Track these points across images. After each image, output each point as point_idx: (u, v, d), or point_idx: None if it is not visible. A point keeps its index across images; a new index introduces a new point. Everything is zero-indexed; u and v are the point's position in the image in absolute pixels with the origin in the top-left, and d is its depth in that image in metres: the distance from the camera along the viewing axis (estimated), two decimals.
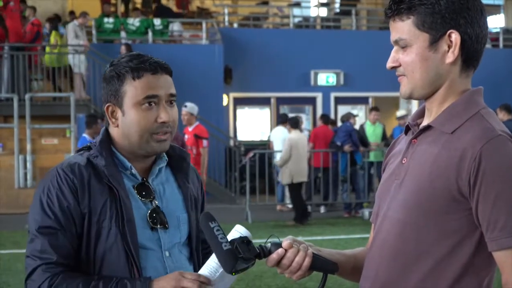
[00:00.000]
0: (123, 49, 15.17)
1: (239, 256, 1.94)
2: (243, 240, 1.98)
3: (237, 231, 2.03)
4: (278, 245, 2.01)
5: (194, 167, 2.51)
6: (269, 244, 2.02)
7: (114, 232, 2.15)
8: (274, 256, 2.00)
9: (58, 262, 2.12)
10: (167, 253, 2.24)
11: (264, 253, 2.00)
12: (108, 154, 2.24)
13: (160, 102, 2.21)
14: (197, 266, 2.29)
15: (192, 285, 2.03)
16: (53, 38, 15.36)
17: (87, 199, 2.16)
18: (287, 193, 14.22)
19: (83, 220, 2.16)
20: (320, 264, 2.06)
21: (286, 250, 2.00)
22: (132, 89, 2.20)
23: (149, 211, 2.24)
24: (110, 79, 2.24)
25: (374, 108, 14.32)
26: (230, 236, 2.02)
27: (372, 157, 13.66)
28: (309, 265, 2.02)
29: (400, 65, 1.98)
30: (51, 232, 2.13)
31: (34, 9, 16.33)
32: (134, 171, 2.26)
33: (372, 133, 13.78)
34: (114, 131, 2.28)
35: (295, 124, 12.35)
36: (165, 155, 2.35)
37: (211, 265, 2.06)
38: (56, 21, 15.90)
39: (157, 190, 2.30)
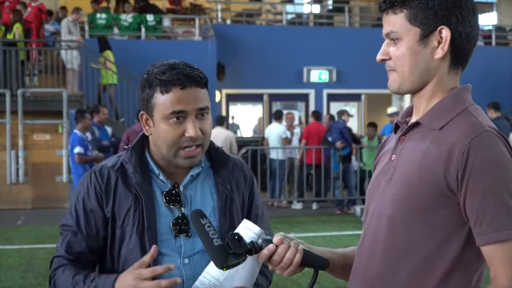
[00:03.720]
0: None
1: (230, 252, 1.95)
2: (234, 236, 1.98)
3: (246, 227, 2.03)
4: (269, 241, 2.01)
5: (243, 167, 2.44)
6: (260, 240, 2.02)
7: (134, 239, 2.19)
8: (265, 252, 2.00)
9: (65, 257, 2.25)
10: (186, 260, 2.23)
11: (255, 249, 2.00)
12: (137, 161, 2.25)
13: (189, 117, 2.18)
14: None
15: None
16: (14, 31, 15.27)
17: (111, 204, 2.22)
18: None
19: (107, 223, 2.23)
20: (311, 260, 2.06)
21: (277, 246, 2.01)
22: (160, 103, 2.18)
23: (174, 219, 2.24)
24: (143, 87, 2.23)
25: (370, 124, 14.10)
26: (240, 232, 2.02)
27: (365, 158, 13.64)
28: (300, 261, 2.03)
29: (390, 59, 2.00)
30: (70, 230, 2.25)
31: (24, 4, 16.27)
32: (163, 177, 2.27)
33: (370, 159, 13.50)
34: (149, 137, 2.30)
35: (219, 121, 13.69)
36: (203, 160, 2.32)
37: None
38: (19, 14, 15.73)
39: (188, 196, 2.28)
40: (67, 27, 15.28)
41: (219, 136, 13.15)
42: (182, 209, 2.25)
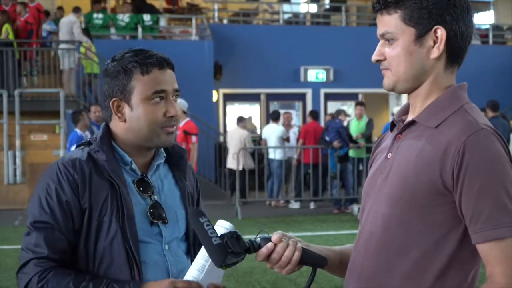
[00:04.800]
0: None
1: (229, 251, 1.95)
2: (233, 235, 1.98)
3: (221, 226, 2.04)
4: (268, 239, 2.02)
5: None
6: (258, 239, 2.03)
7: (114, 228, 2.16)
8: (264, 250, 2.01)
9: (50, 257, 2.12)
10: (166, 247, 2.25)
11: (254, 247, 2.01)
12: (109, 149, 2.24)
13: (168, 97, 2.25)
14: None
15: None
16: (3, 32, 15.25)
17: (88, 194, 2.17)
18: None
19: (83, 216, 2.17)
20: (309, 258, 2.07)
21: (275, 245, 2.01)
22: (141, 84, 2.21)
23: (149, 206, 2.25)
24: (116, 74, 2.23)
25: (358, 103, 14.31)
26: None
27: (352, 153, 13.64)
28: (299, 259, 2.03)
29: (385, 59, 2.00)
30: (47, 226, 2.14)
31: (24, 5, 16.27)
32: (134, 166, 2.27)
33: (356, 128, 13.78)
34: (118, 126, 2.28)
35: (239, 121, 14.58)
36: (163, 152, 2.37)
37: (199, 263, 2.07)
38: (6, 15, 15.68)
39: (156, 186, 2.31)
40: (79, 27, 15.25)
41: (235, 134, 14.00)
42: (155, 196, 2.28)
